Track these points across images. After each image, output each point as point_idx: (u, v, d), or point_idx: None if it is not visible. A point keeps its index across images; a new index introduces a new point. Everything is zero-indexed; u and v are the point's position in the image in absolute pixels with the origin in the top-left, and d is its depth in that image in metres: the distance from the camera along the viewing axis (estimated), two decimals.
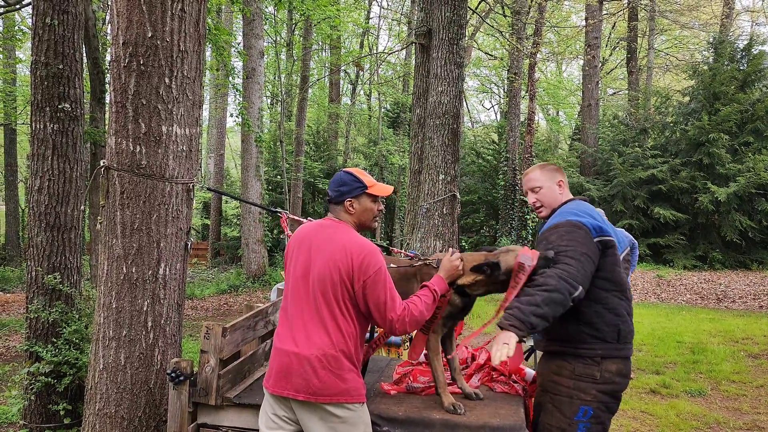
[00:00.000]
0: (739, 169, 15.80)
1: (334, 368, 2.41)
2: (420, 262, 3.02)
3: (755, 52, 18.06)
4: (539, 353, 5.45)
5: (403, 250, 5.87)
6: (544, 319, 2.48)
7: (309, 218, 3.39)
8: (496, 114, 37.49)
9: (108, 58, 11.80)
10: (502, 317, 2.57)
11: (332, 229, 2.56)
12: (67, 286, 4.28)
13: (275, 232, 20.85)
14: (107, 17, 13.06)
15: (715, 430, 4.90)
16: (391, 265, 2.99)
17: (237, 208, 23.69)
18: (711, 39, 20.51)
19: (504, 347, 2.45)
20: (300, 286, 2.51)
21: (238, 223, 21.85)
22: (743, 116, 16.66)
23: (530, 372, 3.31)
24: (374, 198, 2.65)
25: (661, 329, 8.97)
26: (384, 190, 2.68)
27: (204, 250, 22.76)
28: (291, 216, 3.61)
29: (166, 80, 3.09)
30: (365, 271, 2.43)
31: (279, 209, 3.89)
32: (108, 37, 14.58)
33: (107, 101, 4.35)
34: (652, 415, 5.25)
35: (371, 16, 27.08)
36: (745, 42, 19.08)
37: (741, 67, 17.74)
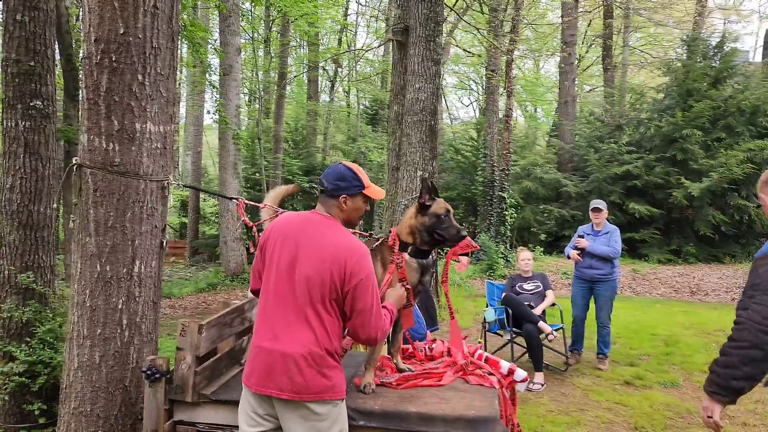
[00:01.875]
0: (712, 165, 16.07)
1: (319, 366, 2.39)
2: (378, 242, 3.12)
3: (727, 50, 18.39)
4: (516, 348, 5.53)
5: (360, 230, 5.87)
6: (748, 380, 2.26)
7: (282, 210, 3.40)
8: (474, 111, 37.65)
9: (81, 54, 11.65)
10: (705, 383, 2.40)
11: (324, 227, 2.51)
12: (41, 285, 4.23)
13: (254, 230, 20.73)
14: (81, 14, 12.89)
15: (687, 420, 5.01)
16: None
17: (215, 206, 23.52)
18: (684, 36, 20.86)
19: (709, 421, 2.35)
20: (284, 283, 2.45)
21: (216, 221, 21.70)
22: (715, 112, 16.94)
23: (505, 364, 3.36)
24: (366, 199, 2.63)
25: (636, 322, 9.12)
26: (378, 193, 2.67)
27: (182, 248, 22.57)
28: (248, 202, 3.62)
29: (139, 77, 3.07)
30: (357, 275, 2.40)
31: (235, 197, 3.91)
32: (81, 34, 14.37)
33: (80, 98, 4.31)
34: (626, 406, 5.35)
35: (349, 12, 27.05)
36: (718, 40, 19.42)
37: (713, 65, 18.04)
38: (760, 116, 16.84)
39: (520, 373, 3.34)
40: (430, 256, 3.12)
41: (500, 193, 16.89)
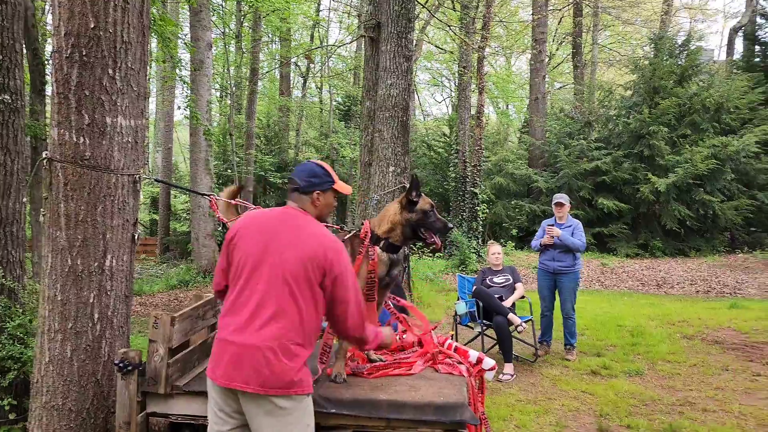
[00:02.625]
0: (678, 161, 16.45)
1: (288, 360, 2.38)
2: (350, 234, 3.20)
3: (692, 48, 18.82)
4: (487, 340, 5.64)
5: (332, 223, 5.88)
6: None
7: (258, 205, 3.44)
8: (447, 107, 37.90)
9: (48, 48, 11.45)
10: None
11: (302, 220, 2.56)
12: (10, 281, 4.19)
13: (227, 226, 20.59)
14: (47, 7, 12.67)
15: (650, 407, 5.17)
16: None
17: (186, 202, 23.30)
18: (651, 35, 21.28)
19: None
20: (260, 276, 2.44)
21: (187, 217, 21.52)
22: (681, 109, 17.34)
23: (474, 353, 3.45)
24: (336, 194, 2.73)
25: (604, 314, 9.33)
26: (346, 188, 2.77)
27: (153, 245, 22.33)
28: (221, 199, 3.65)
29: (110, 71, 3.08)
30: (336, 267, 2.47)
31: (208, 193, 3.93)
32: (48, 28, 14.11)
33: (47, 93, 4.26)
34: (592, 394, 5.49)
35: (321, 8, 26.96)
36: (683, 38, 19.87)
37: (679, 62, 18.45)
38: (724, 113, 17.29)
39: (489, 362, 3.43)
40: (401, 251, 3.21)
41: (472, 188, 17.06)
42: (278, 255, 2.45)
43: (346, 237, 3.22)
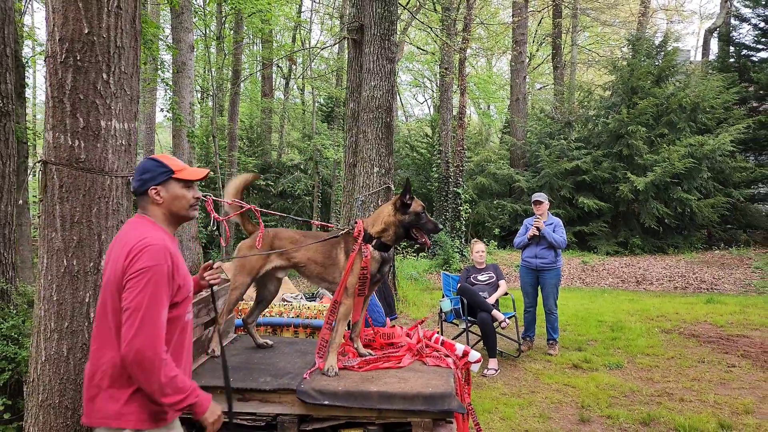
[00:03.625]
0: (656, 160, 16.76)
1: (110, 386, 2.18)
2: (344, 232, 3.34)
3: (669, 49, 19.18)
4: (472, 336, 5.77)
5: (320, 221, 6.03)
6: None
7: (236, 199, 3.52)
8: (429, 108, 38.11)
9: (26, 51, 11.38)
10: None
11: (131, 226, 2.34)
12: (3, 282, 4.23)
13: (209, 228, 20.58)
14: (23, 9, 12.60)
15: (629, 398, 5.33)
16: (310, 241, 3.45)
17: None
18: (629, 36, 21.63)
19: None
20: (101, 294, 2.29)
21: None
22: (659, 109, 17.66)
23: (460, 347, 3.57)
24: (186, 184, 2.41)
25: (585, 310, 9.52)
26: (195, 173, 2.45)
27: None
28: (216, 199, 3.72)
29: (104, 76, 3.15)
30: (130, 268, 2.16)
31: (204, 194, 3.94)
32: (26, 29, 14.03)
33: (28, 96, 4.30)
34: (573, 387, 5.65)
35: (303, 10, 26.99)
36: (660, 39, 20.23)
37: (656, 63, 18.80)
38: (700, 113, 17.66)
39: (474, 355, 3.56)
40: (391, 250, 3.36)
41: (455, 189, 17.23)
42: (105, 273, 2.27)
43: (339, 234, 3.35)
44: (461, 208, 17.23)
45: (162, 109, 21.55)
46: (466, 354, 3.53)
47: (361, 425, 2.92)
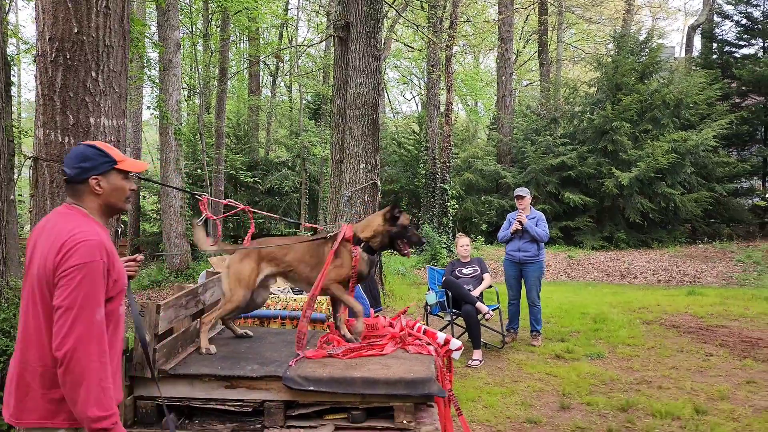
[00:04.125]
0: (640, 155, 17.00)
1: (42, 386, 2.06)
2: (331, 234, 3.48)
3: (653, 46, 19.43)
4: (457, 329, 5.89)
5: (308, 223, 6.07)
6: None
7: (229, 199, 3.62)
8: (417, 105, 38.24)
9: (10, 49, 11.35)
10: None
11: (61, 217, 2.17)
12: None
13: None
14: (8, 7, 12.58)
15: (609, 386, 5.48)
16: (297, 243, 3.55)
17: (156, 203, 23.17)
18: (614, 33, 21.87)
19: None
20: (25, 288, 2.15)
21: (157, 218, 21.43)
22: (643, 105, 17.91)
23: (442, 335, 3.69)
24: (125, 175, 2.30)
25: (569, 303, 9.69)
26: (137, 165, 2.36)
27: (123, 246, 22.16)
28: (211, 198, 3.80)
29: (93, 74, 3.24)
30: (62, 264, 2.02)
31: (200, 193, 4.01)
32: (10, 27, 13.98)
33: (13, 94, 4.35)
34: (555, 376, 5.79)
35: (290, 7, 26.99)
36: (644, 36, 20.49)
37: (640, 60, 19.03)
38: (683, 109, 17.92)
39: (455, 343, 3.68)
40: (376, 255, 3.56)
41: (442, 185, 17.37)
42: (32, 266, 2.13)
43: (328, 237, 3.49)
44: (448, 204, 17.38)
45: (149, 107, 21.48)
46: (447, 342, 3.65)
47: (345, 410, 3.02)
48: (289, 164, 23.00)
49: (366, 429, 2.98)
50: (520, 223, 7.01)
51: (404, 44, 27.60)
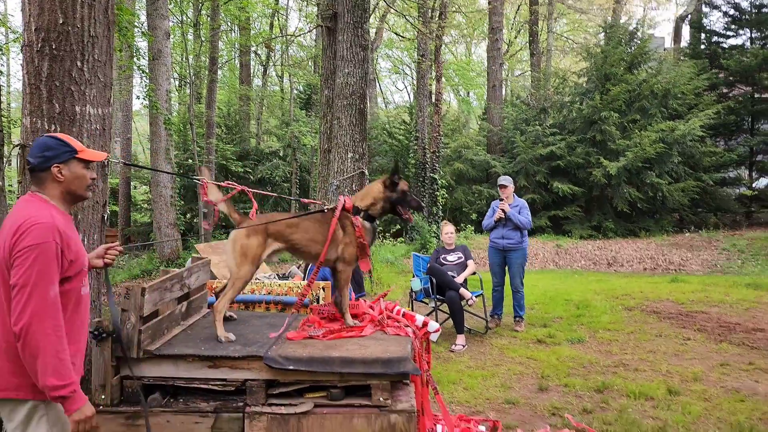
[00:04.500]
0: (628, 145, 17.15)
1: (8, 360, 2.26)
2: (329, 207, 3.61)
3: (642, 36, 19.55)
4: (441, 315, 6.03)
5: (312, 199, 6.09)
6: None
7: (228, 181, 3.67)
8: (409, 94, 38.24)
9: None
10: None
11: (22, 203, 2.36)
12: None
13: (188, 216, 20.65)
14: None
15: (587, 369, 5.64)
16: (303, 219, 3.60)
17: (146, 193, 23.19)
18: (603, 23, 21.97)
19: None
20: None
21: (148, 208, 21.46)
22: (631, 95, 18.04)
23: (420, 318, 3.81)
24: (86, 164, 2.46)
25: (554, 290, 9.85)
26: (96, 155, 2.53)
27: (113, 236, 22.17)
28: (212, 182, 3.71)
29: (78, 63, 3.32)
30: (17, 245, 2.21)
31: (199, 178, 3.93)
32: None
33: (2, 84, 4.42)
34: (536, 360, 5.95)
35: None
36: (633, 26, 20.60)
37: (629, 50, 19.14)
38: (671, 99, 18.07)
39: (433, 325, 3.81)
40: (376, 222, 3.71)
41: (432, 174, 17.48)
42: None
43: (326, 210, 3.58)
44: (438, 194, 17.50)
45: (138, 97, 21.46)
46: (425, 324, 3.77)
47: (324, 388, 3.14)
48: (280, 154, 23.02)
49: (344, 406, 3.10)
50: (503, 211, 7.14)
51: (395, 33, 27.60)
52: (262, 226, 3.50)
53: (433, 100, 18.20)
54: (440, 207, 17.61)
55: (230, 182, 3.82)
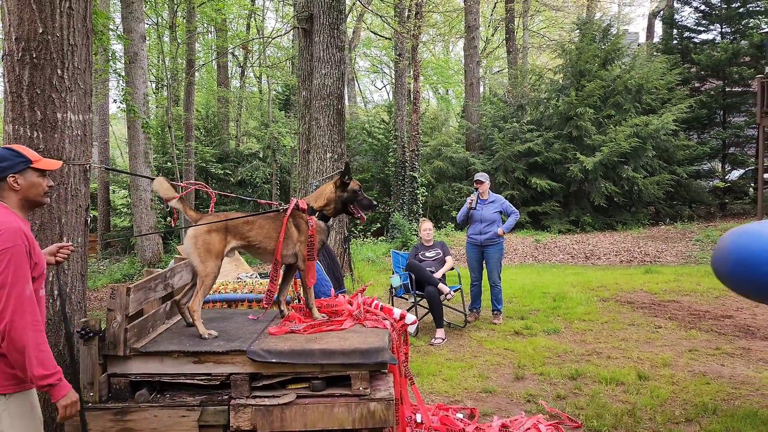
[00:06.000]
0: (603, 140, 17.45)
1: None
2: (283, 208, 3.68)
3: (615, 32, 19.88)
4: (421, 310, 6.17)
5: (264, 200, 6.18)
6: None
7: (186, 181, 3.80)
8: (388, 93, 38.35)
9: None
10: None
11: None
12: None
13: (168, 219, 20.59)
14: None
15: (562, 358, 5.83)
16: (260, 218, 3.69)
17: (126, 197, 23.08)
18: (577, 20, 22.29)
19: None
20: None
21: (127, 212, 21.37)
22: (605, 91, 18.35)
23: (397, 311, 3.95)
24: (41, 173, 2.60)
25: (531, 284, 10.06)
26: (51, 164, 2.66)
27: (93, 241, 22.02)
28: (162, 179, 3.73)
29: (59, 71, 3.41)
30: None
31: (196, 182, 4.06)
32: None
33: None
34: (513, 350, 6.12)
35: None
36: (607, 23, 20.94)
37: (603, 47, 19.46)
38: (644, 94, 18.43)
39: (410, 317, 3.95)
40: (330, 221, 3.75)
41: (411, 173, 17.65)
42: None
43: (280, 210, 3.68)
44: (418, 192, 17.67)
45: (115, 101, 21.37)
46: (402, 317, 3.92)
47: (306, 380, 3.27)
48: (260, 155, 23.04)
49: (326, 396, 3.24)
50: (472, 202, 7.32)
51: (373, 32, 27.73)
52: (222, 222, 3.58)
53: (412, 98, 18.34)
54: (420, 205, 17.78)
55: (186, 182, 3.93)
